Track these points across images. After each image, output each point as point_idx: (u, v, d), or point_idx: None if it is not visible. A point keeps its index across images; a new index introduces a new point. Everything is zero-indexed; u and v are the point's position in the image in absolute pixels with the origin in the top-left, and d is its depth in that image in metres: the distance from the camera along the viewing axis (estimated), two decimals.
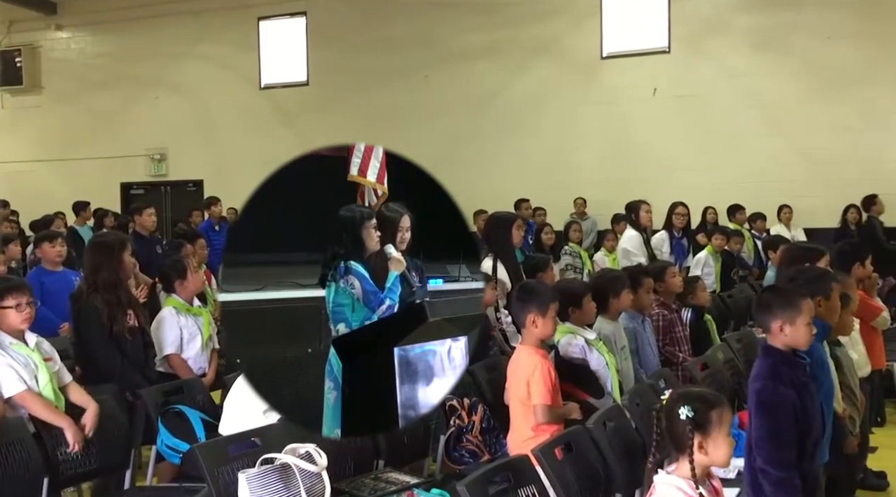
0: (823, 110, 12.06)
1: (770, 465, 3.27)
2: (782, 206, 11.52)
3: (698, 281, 6.53)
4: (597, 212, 12.69)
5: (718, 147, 12.55)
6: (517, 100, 13.75)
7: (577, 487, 3.40)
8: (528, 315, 4.03)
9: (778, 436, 3.26)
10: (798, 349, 3.40)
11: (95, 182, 15.54)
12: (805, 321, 3.36)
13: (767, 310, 3.42)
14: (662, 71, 13.02)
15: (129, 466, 4.33)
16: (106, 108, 16.19)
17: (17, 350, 4.03)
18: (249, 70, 15.54)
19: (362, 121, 14.50)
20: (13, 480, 3.76)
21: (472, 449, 4.47)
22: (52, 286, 6.00)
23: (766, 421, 3.29)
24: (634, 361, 5.05)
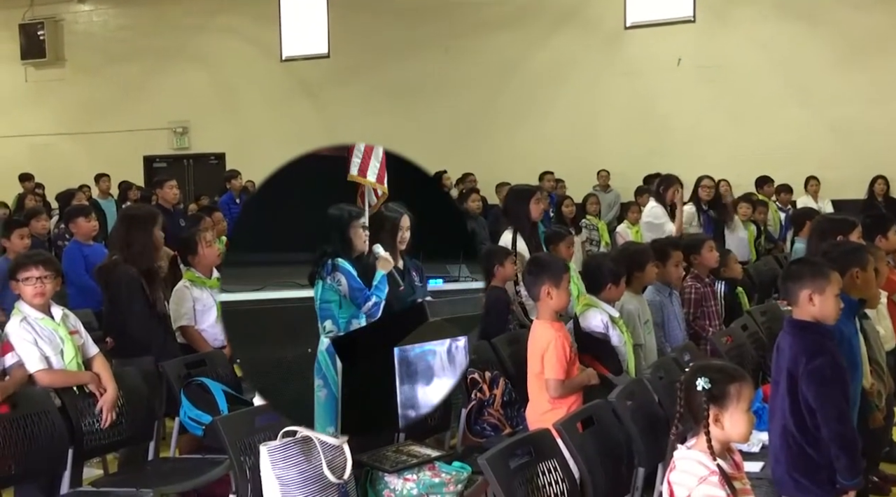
0: (852, 80, 11.84)
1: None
2: (809, 178, 11.37)
3: (731, 254, 6.49)
4: (620, 184, 12.59)
5: (744, 118, 12.38)
6: (540, 70, 13.62)
7: (598, 461, 3.38)
8: (542, 287, 4.01)
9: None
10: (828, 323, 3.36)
11: (118, 155, 15.61)
12: (834, 292, 3.34)
13: (797, 280, 3.39)
14: (687, 41, 12.83)
15: (153, 438, 4.38)
16: (128, 80, 16.22)
17: (44, 324, 4.07)
18: (271, 42, 15.49)
19: (383, 93, 14.44)
20: (39, 451, 3.81)
21: (493, 422, 4.47)
22: (93, 259, 6.04)
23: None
24: (659, 335, 5.02)
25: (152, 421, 4.39)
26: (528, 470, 3.12)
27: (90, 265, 6.00)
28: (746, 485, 2.68)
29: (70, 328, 4.17)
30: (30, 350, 3.98)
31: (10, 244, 6.50)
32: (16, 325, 4.02)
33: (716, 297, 5.73)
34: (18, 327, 4.01)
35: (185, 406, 4.42)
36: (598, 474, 3.33)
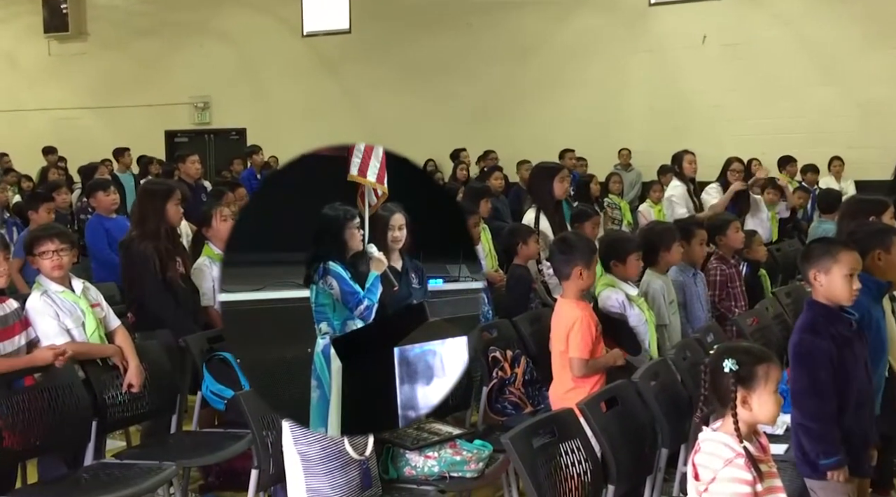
0: (879, 59, 11.63)
1: (808, 418, 3.25)
2: (833, 159, 11.22)
3: (756, 235, 6.42)
4: (642, 163, 12.48)
5: (769, 97, 12.22)
6: (562, 48, 13.50)
7: (621, 441, 3.36)
8: (574, 268, 3.99)
9: (815, 389, 3.23)
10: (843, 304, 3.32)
11: (140, 129, 15.65)
12: (843, 272, 3.30)
13: (807, 260, 3.41)
14: (713, 18, 12.65)
15: (176, 411, 4.40)
16: (150, 55, 16.23)
17: (64, 297, 4.08)
18: (292, 17, 15.44)
19: (404, 69, 14.38)
20: (63, 424, 3.84)
21: (514, 401, 4.46)
22: (116, 233, 6.06)
23: (804, 374, 3.28)
24: (682, 316, 4.98)
25: (175, 394, 4.41)
26: (551, 449, 3.11)
27: (112, 239, 6.02)
28: (773, 468, 2.65)
29: (91, 301, 4.18)
30: (49, 324, 3.99)
31: (38, 216, 6.53)
32: (37, 299, 4.03)
33: (741, 278, 5.69)
34: (39, 301, 4.02)
35: (206, 380, 4.43)
36: (621, 455, 3.31)
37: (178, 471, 3.84)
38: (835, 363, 3.23)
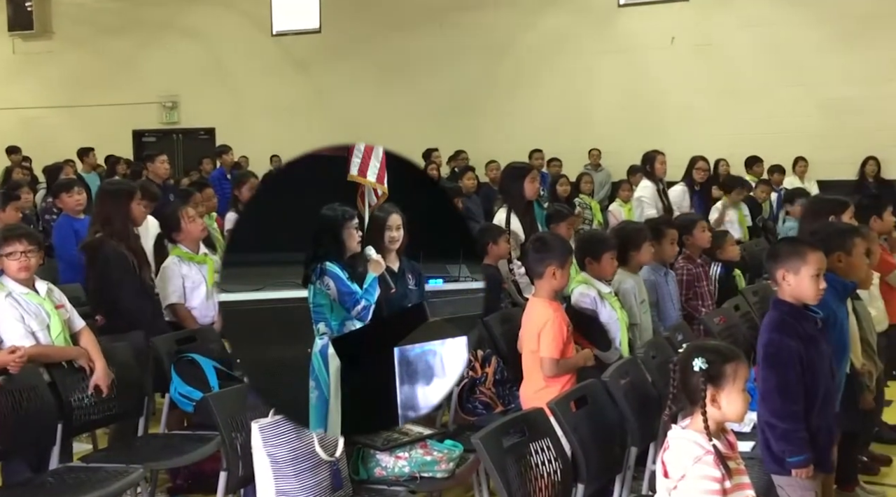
0: (843, 60, 11.80)
1: (776, 417, 3.28)
2: (797, 159, 11.36)
3: (727, 235, 6.46)
4: (612, 162, 12.55)
5: (736, 97, 12.35)
6: (533, 48, 13.55)
7: (591, 440, 3.38)
8: (548, 267, 4.00)
9: (784, 388, 3.26)
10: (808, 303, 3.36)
11: (107, 129, 15.48)
12: (810, 273, 3.33)
13: (775, 259, 3.43)
14: (681, 19, 12.77)
15: (143, 413, 4.36)
16: (117, 53, 16.05)
17: (29, 299, 4.02)
18: (262, 16, 15.35)
19: (374, 69, 14.35)
20: (28, 426, 3.79)
21: (485, 400, 4.46)
22: (83, 233, 5.96)
23: (773, 373, 3.30)
24: (654, 315, 5.01)
25: (142, 397, 4.36)
26: (521, 449, 3.11)
27: (81, 239, 5.93)
28: (741, 464, 2.68)
29: (55, 302, 4.13)
30: (14, 327, 3.92)
31: (4, 215, 6.42)
32: (1, 301, 3.96)
33: (708, 278, 5.72)
34: (4, 303, 3.96)
35: (175, 382, 4.39)
36: (590, 453, 3.32)
37: (145, 473, 3.81)
38: (803, 362, 3.27)
